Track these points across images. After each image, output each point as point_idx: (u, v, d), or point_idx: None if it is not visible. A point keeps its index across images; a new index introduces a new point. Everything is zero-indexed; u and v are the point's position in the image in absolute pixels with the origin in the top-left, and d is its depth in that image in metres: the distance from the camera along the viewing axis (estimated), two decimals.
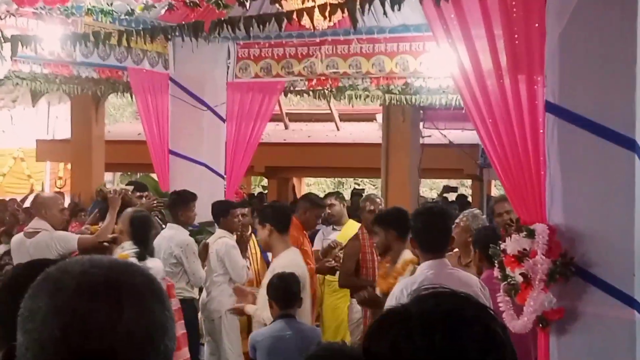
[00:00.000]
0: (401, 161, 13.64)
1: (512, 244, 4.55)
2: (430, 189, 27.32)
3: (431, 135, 14.79)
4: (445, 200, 17.25)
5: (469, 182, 22.14)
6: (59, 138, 18.61)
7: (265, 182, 23.82)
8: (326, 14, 5.80)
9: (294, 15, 6.08)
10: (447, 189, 19.62)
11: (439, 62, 7.86)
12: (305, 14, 6.04)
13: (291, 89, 9.99)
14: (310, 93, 10.37)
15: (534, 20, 4.58)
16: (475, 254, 5.86)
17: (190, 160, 9.38)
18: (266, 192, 20.48)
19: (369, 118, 18.84)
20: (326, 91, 10.16)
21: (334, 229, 8.77)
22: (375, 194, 8.47)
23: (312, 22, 6.08)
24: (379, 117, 16.32)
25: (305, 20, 6.09)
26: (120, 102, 25.89)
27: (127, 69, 8.97)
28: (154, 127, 9.36)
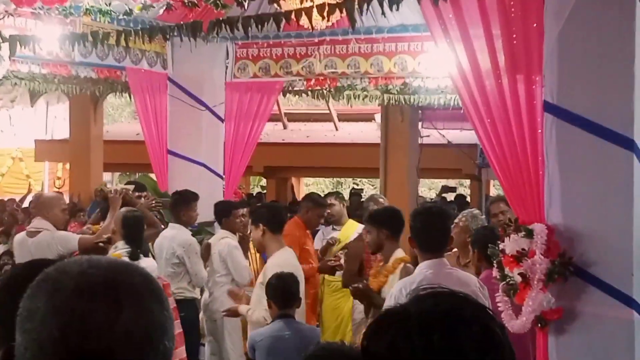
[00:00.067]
0: (400, 161, 13.63)
1: (511, 243, 4.55)
2: (429, 188, 27.33)
3: (430, 135, 14.78)
4: (444, 200, 17.26)
5: (467, 182, 22.15)
6: (57, 138, 18.61)
7: (264, 182, 23.83)
8: (324, 14, 5.79)
9: (292, 15, 6.07)
10: (446, 189, 19.62)
11: (438, 62, 7.86)
12: (303, 14, 6.04)
13: (290, 89, 9.98)
14: (309, 93, 10.36)
15: (532, 20, 4.58)
16: (474, 254, 5.87)
17: (189, 160, 9.38)
18: (265, 192, 20.47)
19: (368, 118, 18.85)
20: (325, 91, 10.16)
21: (333, 229, 8.77)
22: (379, 193, 8.45)
23: (311, 22, 6.07)
24: (378, 117, 16.31)
25: (304, 20, 6.09)
26: (118, 102, 25.90)
27: (126, 68, 8.96)
28: (152, 127, 9.35)
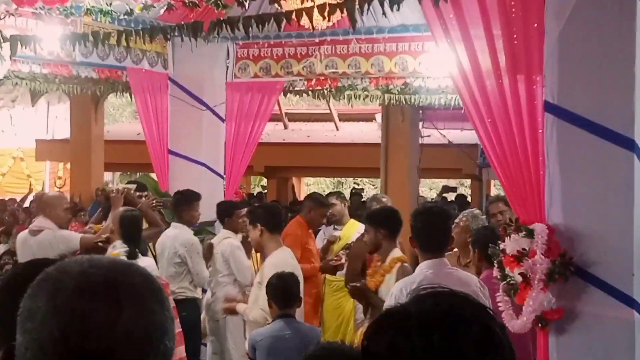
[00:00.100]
0: (400, 161, 13.64)
1: (511, 243, 4.55)
2: (429, 188, 27.33)
3: (430, 135, 14.79)
4: (445, 200, 17.25)
5: (468, 182, 22.15)
6: (58, 138, 18.63)
7: (264, 182, 23.83)
8: (325, 14, 5.79)
9: (293, 16, 6.07)
10: (446, 189, 19.62)
11: (438, 62, 7.86)
12: (304, 14, 6.04)
13: (290, 88, 9.97)
14: (310, 93, 10.36)
15: (533, 20, 4.58)
16: (474, 254, 5.86)
17: (190, 160, 9.37)
18: (265, 192, 20.47)
19: (368, 118, 18.86)
20: (325, 91, 10.15)
21: (335, 229, 8.77)
22: (382, 193, 8.44)
23: (311, 22, 6.07)
24: (378, 117, 16.32)
25: (305, 21, 6.09)
26: (119, 102, 25.91)
27: (127, 68, 8.95)
28: (153, 127, 9.34)
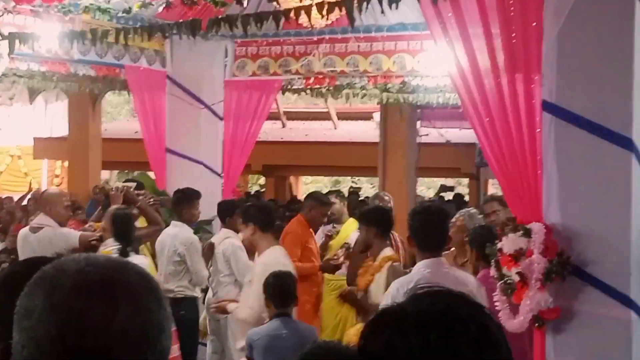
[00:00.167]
0: (398, 160, 13.64)
1: (509, 243, 4.55)
2: (427, 187, 27.32)
3: (428, 134, 14.80)
4: (442, 199, 17.26)
5: (466, 181, 22.16)
6: (56, 136, 18.62)
7: (262, 181, 23.82)
8: (324, 12, 5.80)
9: (292, 14, 6.07)
10: (444, 188, 19.64)
11: (437, 61, 7.85)
12: (302, 12, 6.04)
13: (288, 87, 9.96)
14: (308, 91, 10.35)
15: (532, 19, 4.58)
16: (472, 253, 5.86)
17: (188, 158, 9.37)
18: (263, 191, 20.47)
19: (367, 117, 18.86)
20: (323, 90, 10.14)
21: (334, 227, 8.78)
22: (385, 191, 8.43)
23: (310, 21, 6.08)
24: (377, 116, 16.32)
25: (303, 19, 6.09)
26: (117, 100, 25.90)
27: (125, 66, 8.95)
28: (151, 125, 9.34)
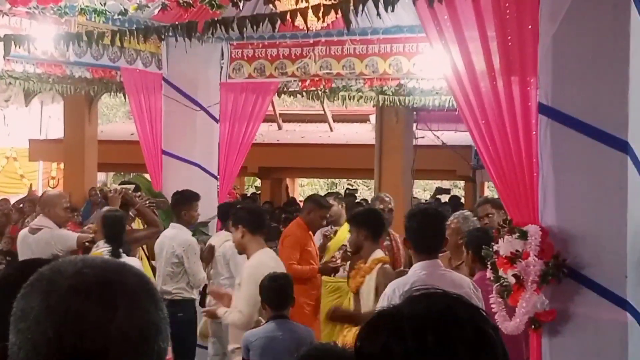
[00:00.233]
0: (394, 162, 13.65)
1: (505, 245, 4.55)
2: (423, 190, 27.34)
3: (424, 136, 14.82)
4: (438, 201, 17.24)
5: (462, 184, 22.16)
6: (51, 138, 18.60)
7: (258, 183, 23.81)
8: (320, 14, 5.79)
9: (288, 16, 6.07)
10: (440, 191, 19.64)
11: (433, 64, 7.86)
12: (298, 14, 6.03)
13: (285, 89, 9.96)
14: (304, 94, 10.36)
15: (527, 22, 4.58)
16: (468, 255, 5.85)
17: (184, 160, 9.36)
18: (259, 193, 20.45)
19: (362, 119, 18.88)
20: (319, 92, 10.16)
21: (331, 228, 8.77)
22: (385, 193, 8.44)
23: (306, 23, 6.07)
24: (372, 118, 16.34)
25: (299, 21, 6.08)
26: (113, 102, 25.90)
27: (120, 68, 8.94)
28: (147, 127, 9.33)
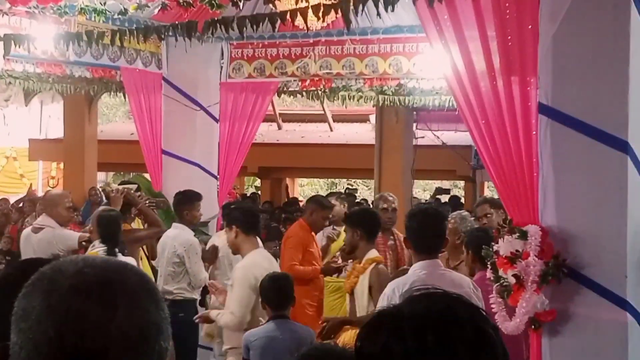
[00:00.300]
0: (394, 162, 13.65)
1: (505, 245, 4.55)
2: (423, 190, 27.34)
3: (424, 136, 14.82)
4: (438, 201, 17.24)
5: (461, 184, 22.16)
6: (51, 137, 18.60)
7: (258, 183, 23.81)
8: (320, 14, 5.79)
9: (288, 16, 6.07)
10: (440, 191, 19.63)
11: (433, 63, 7.86)
12: (298, 14, 6.03)
13: (284, 89, 9.96)
14: (304, 94, 10.35)
15: (527, 21, 4.58)
16: (468, 255, 5.85)
17: (183, 160, 9.35)
18: (259, 193, 20.46)
19: (362, 119, 18.88)
20: (319, 92, 10.14)
21: (334, 229, 8.77)
22: (389, 192, 8.43)
23: (306, 23, 6.07)
24: (372, 118, 16.34)
25: (299, 21, 6.08)
26: (113, 102, 25.90)
27: (120, 68, 8.94)
28: (146, 127, 9.33)
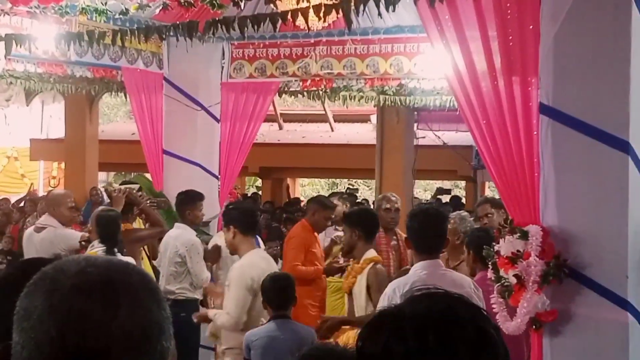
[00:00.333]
0: (395, 162, 13.65)
1: (506, 245, 4.55)
2: (424, 190, 27.34)
3: (425, 136, 14.83)
4: (439, 201, 17.23)
5: (463, 184, 22.16)
6: (52, 137, 18.61)
7: (259, 183, 23.81)
8: (321, 14, 5.79)
9: (289, 16, 6.06)
10: (441, 191, 19.63)
11: (434, 64, 7.85)
12: (299, 14, 6.03)
13: (285, 89, 9.95)
14: (305, 94, 10.35)
15: (529, 22, 4.58)
16: (469, 256, 5.85)
17: (184, 160, 9.35)
18: (260, 193, 20.46)
19: (363, 119, 18.89)
20: (320, 92, 10.14)
21: (336, 229, 8.77)
22: (392, 193, 8.44)
23: (307, 23, 6.07)
24: (373, 118, 16.34)
25: (300, 21, 6.08)
26: (114, 102, 25.91)
27: (121, 68, 8.94)
28: (147, 127, 9.32)
